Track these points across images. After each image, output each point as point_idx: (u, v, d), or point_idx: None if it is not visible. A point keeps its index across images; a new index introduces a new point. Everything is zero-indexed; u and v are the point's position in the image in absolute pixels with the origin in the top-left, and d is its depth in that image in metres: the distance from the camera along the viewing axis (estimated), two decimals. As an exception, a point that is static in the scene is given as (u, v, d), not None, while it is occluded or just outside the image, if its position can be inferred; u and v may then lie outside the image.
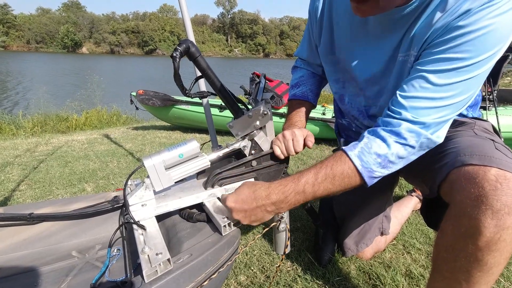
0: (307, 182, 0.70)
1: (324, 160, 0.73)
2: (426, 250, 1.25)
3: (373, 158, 0.69)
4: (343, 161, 0.71)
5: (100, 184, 2.06)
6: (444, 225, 0.66)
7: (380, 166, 0.70)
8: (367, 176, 0.70)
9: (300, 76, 1.13)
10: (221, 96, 0.82)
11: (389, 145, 0.69)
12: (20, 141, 3.47)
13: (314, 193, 0.71)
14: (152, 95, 3.52)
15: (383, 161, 0.70)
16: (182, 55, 0.71)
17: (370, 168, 0.70)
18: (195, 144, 0.77)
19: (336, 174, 0.70)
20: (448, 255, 0.65)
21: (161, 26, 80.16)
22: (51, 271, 0.76)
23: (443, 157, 0.73)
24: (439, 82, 0.67)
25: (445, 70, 0.66)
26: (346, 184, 0.71)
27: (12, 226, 0.82)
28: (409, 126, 0.68)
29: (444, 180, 0.68)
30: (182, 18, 1.32)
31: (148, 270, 0.58)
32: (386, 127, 0.71)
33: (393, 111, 0.71)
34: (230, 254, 0.72)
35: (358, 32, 0.86)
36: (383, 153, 0.69)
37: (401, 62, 0.77)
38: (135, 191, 0.76)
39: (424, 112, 0.68)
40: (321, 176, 0.70)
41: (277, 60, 72.76)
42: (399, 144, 0.69)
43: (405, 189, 1.85)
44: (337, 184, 0.71)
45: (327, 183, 0.70)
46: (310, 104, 1.09)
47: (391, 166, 0.71)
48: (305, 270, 1.13)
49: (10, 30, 69.17)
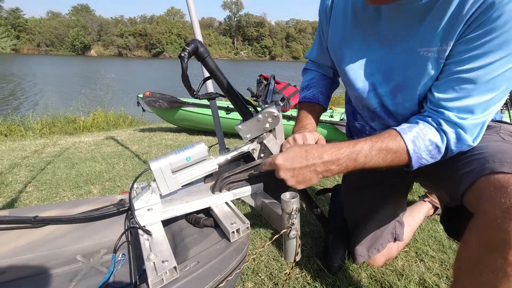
0: (361, 151, 0.72)
1: (379, 135, 0.74)
2: (440, 258, 1.21)
3: (426, 145, 0.71)
4: (398, 142, 0.72)
5: (106, 186, 2.06)
6: (468, 236, 0.62)
7: (430, 155, 0.72)
8: (415, 161, 0.72)
9: (310, 78, 1.11)
10: (230, 97, 0.80)
11: (442, 136, 0.71)
12: (28, 142, 3.50)
13: (364, 164, 0.72)
14: (159, 97, 3.52)
15: (434, 149, 0.72)
16: (190, 55, 0.69)
17: (420, 154, 0.72)
18: (203, 147, 0.75)
19: (389, 152, 0.72)
20: (473, 268, 0.61)
21: (168, 29, 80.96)
22: (55, 275, 0.74)
23: (468, 163, 0.70)
24: (480, 77, 0.65)
25: (485, 65, 0.64)
26: (395, 163, 0.73)
27: (17, 229, 0.80)
28: (453, 126, 0.70)
29: (470, 188, 0.65)
30: (190, 18, 1.31)
31: (154, 279, 0.56)
32: (433, 120, 0.73)
33: (436, 111, 0.72)
34: (239, 262, 0.69)
35: (366, 27, 0.84)
36: (436, 141, 0.71)
37: (428, 58, 0.73)
38: (141, 195, 0.73)
39: (467, 112, 0.69)
40: (375, 149, 0.72)
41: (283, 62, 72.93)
42: (444, 138, 0.71)
43: (416, 194, 1.80)
44: (388, 160, 0.72)
45: (380, 157, 0.72)
46: (320, 106, 1.07)
47: (437, 157, 0.73)
48: (315, 277, 1.10)
49: (21, 33, 70.58)
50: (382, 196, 1.12)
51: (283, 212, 0.71)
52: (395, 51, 0.80)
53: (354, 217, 1.20)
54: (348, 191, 1.23)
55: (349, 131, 1.20)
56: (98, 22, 79.66)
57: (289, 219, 0.71)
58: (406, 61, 0.78)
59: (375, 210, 1.14)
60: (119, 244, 0.79)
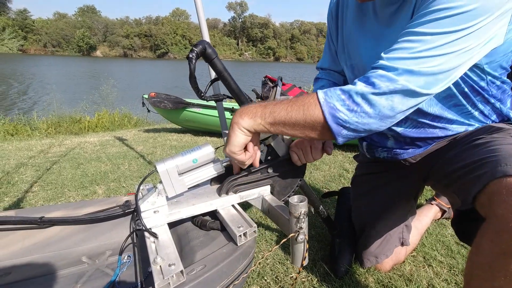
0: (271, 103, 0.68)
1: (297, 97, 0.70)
2: (448, 263, 1.18)
3: (337, 94, 0.64)
4: (310, 96, 0.66)
5: (111, 186, 2.06)
6: (480, 241, 0.60)
7: (345, 106, 0.63)
8: (328, 112, 0.63)
9: (321, 86, 1.11)
10: (237, 99, 0.79)
11: (355, 83, 0.64)
12: (34, 142, 3.53)
13: (272, 113, 0.67)
14: (164, 97, 3.53)
15: (347, 98, 0.63)
16: (198, 56, 0.69)
17: (333, 104, 0.63)
18: (209, 149, 0.74)
19: (298, 103, 0.66)
20: (485, 273, 0.59)
21: (173, 30, 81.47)
22: (61, 277, 0.74)
23: (480, 167, 0.68)
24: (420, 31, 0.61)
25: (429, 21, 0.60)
26: (308, 115, 0.65)
27: (23, 229, 0.80)
28: (381, 72, 0.62)
29: (481, 191, 0.63)
30: (198, 19, 1.31)
31: (160, 283, 0.55)
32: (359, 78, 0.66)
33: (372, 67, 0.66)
34: (246, 266, 0.68)
35: (363, 24, 0.86)
36: (347, 89, 0.63)
37: None
38: (147, 197, 0.73)
39: (401, 61, 0.61)
40: (285, 102, 0.67)
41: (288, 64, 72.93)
42: (364, 84, 0.63)
43: (424, 197, 1.77)
44: (296, 109, 0.65)
45: (288, 106, 0.66)
46: None
47: (357, 111, 0.63)
48: (321, 282, 1.08)
49: (28, 34, 71.45)
50: (391, 200, 1.11)
51: (291, 215, 0.70)
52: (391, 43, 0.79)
53: (362, 220, 1.18)
54: (357, 194, 1.22)
55: None
56: (104, 23, 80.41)
57: (297, 223, 0.70)
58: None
59: (384, 214, 1.12)
60: (125, 246, 0.79)
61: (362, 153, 1.17)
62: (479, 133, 0.81)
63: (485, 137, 0.77)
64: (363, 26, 0.88)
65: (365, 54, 0.88)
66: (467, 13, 0.58)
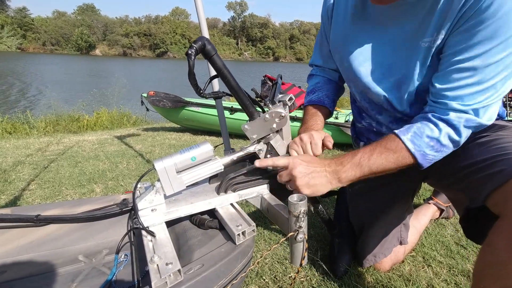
0: (363, 156, 0.74)
1: (378, 140, 0.76)
2: (448, 264, 1.18)
3: (426, 142, 0.72)
4: (396, 142, 0.73)
5: (109, 185, 2.05)
6: (494, 239, 0.60)
7: (433, 150, 0.73)
8: (421, 159, 0.73)
9: (316, 82, 1.11)
10: (237, 96, 0.78)
11: (440, 129, 0.72)
12: (32, 140, 3.51)
13: (370, 168, 0.73)
14: (163, 96, 3.52)
15: (435, 144, 0.72)
16: (197, 52, 0.67)
17: (423, 152, 0.72)
18: (208, 147, 0.73)
19: (390, 152, 0.73)
20: (498, 272, 0.58)
21: (172, 29, 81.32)
22: (57, 275, 0.73)
23: (493, 164, 0.68)
24: (478, 66, 0.66)
25: (481, 54, 0.66)
26: (401, 163, 0.74)
27: (19, 227, 0.79)
28: (458, 114, 0.70)
29: (497, 189, 0.63)
30: (197, 15, 1.30)
31: (157, 282, 0.54)
32: (435, 114, 0.73)
33: (438, 102, 0.73)
34: (244, 265, 0.67)
35: (365, 23, 0.85)
36: (435, 136, 0.72)
37: (426, 48, 0.74)
38: (145, 195, 0.72)
39: (469, 98, 0.69)
40: (376, 152, 0.73)
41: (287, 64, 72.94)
42: (450, 128, 0.72)
43: (422, 197, 1.77)
44: (392, 161, 0.73)
45: (382, 159, 0.73)
46: (326, 109, 1.05)
47: (444, 150, 0.74)
48: (320, 282, 1.08)
49: (27, 32, 71.18)
50: (389, 199, 1.10)
51: (291, 214, 0.70)
52: (394, 44, 0.81)
53: (361, 220, 1.17)
54: (354, 194, 1.21)
55: (355, 132, 1.18)
56: (103, 21, 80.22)
57: (297, 222, 0.69)
58: (406, 55, 0.79)
59: (382, 213, 1.11)
60: (122, 244, 0.78)
61: None
62: (482, 131, 0.81)
63: (490, 134, 0.77)
64: (361, 29, 0.87)
65: (364, 56, 0.88)
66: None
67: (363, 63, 0.88)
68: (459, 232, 1.41)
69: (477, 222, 0.75)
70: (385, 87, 0.87)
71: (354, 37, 0.89)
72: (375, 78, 0.88)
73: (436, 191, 1.56)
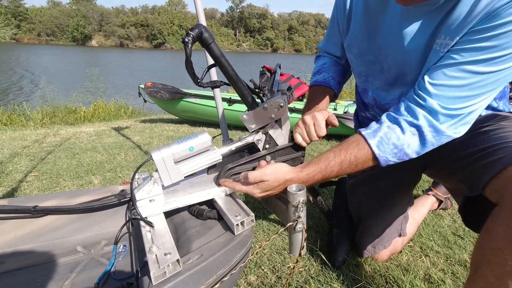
0: (332, 171, 0.75)
1: (347, 146, 0.75)
2: (445, 253, 1.19)
3: (391, 149, 0.73)
4: (365, 150, 0.74)
5: (107, 176, 2.04)
6: (492, 226, 0.60)
7: (396, 157, 0.74)
8: (383, 162, 0.74)
9: (322, 63, 1.09)
10: (235, 86, 0.77)
11: (406, 138, 0.71)
12: (29, 132, 3.48)
13: (337, 176, 0.77)
14: (161, 87, 3.48)
15: (399, 152, 0.73)
16: (194, 40, 0.66)
17: (386, 157, 0.73)
18: (206, 137, 0.72)
19: (358, 162, 0.74)
20: (496, 258, 0.58)
21: (169, 20, 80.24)
22: (55, 266, 0.73)
23: (492, 153, 0.68)
24: (475, 70, 0.64)
25: (483, 60, 0.63)
26: (364, 168, 0.76)
27: (16, 218, 0.79)
28: (430, 120, 0.69)
29: (496, 176, 0.63)
30: (194, 2, 1.27)
31: (156, 272, 0.54)
32: (407, 117, 0.72)
33: (419, 96, 0.71)
34: (243, 255, 0.67)
35: (381, 22, 0.82)
36: (400, 144, 0.72)
37: (436, 51, 0.72)
38: (143, 186, 0.71)
39: (451, 101, 0.67)
40: (345, 165, 0.74)
41: (286, 55, 72.36)
42: (417, 138, 0.71)
43: (420, 188, 1.78)
44: (358, 169, 0.76)
45: (350, 169, 0.75)
46: (331, 90, 1.04)
47: (405, 158, 0.74)
48: (318, 271, 1.08)
49: (21, 23, 70.00)
50: (389, 189, 1.10)
51: (289, 204, 0.69)
52: (413, 47, 0.78)
53: (360, 211, 1.18)
54: (353, 184, 1.21)
55: (358, 121, 1.17)
56: (99, 11, 78.94)
57: (296, 212, 0.69)
58: (423, 56, 0.77)
59: (382, 204, 1.11)
60: (120, 235, 0.77)
61: None
62: (485, 121, 0.81)
63: (493, 124, 0.77)
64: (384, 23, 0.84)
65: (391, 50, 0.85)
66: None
67: (384, 60, 0.86)
68: (456, 223, 1.42)
69: (476, 211, 0.75)
70: (401, 84, 0.86)
71: (376, 34, 0.85)
72: (392, 75, 0.86)
73: (435, 183, 1.56)
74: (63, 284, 0.67)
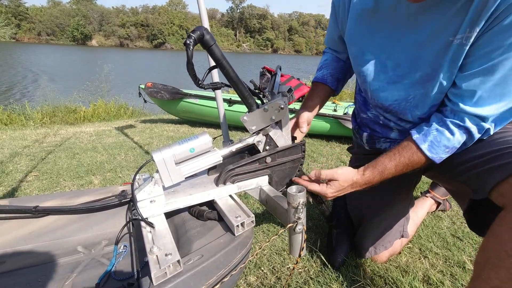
0: (389, 173, 0.83)
1: (399, 150, 0.83)
2: (444, 255, 1.19)
3: (442, 150, 0.78)
4: (419, 155, 0.80)
5: (107, 177, 2.04)
6: (499, 229, 0.60)
7: (448, 153, 0.80)
8: (437, 160, 0.80)
9: (324, 59, 1.12)
10: (236, 88, 0.77)
11: (457, 138, 0.76)
12: (29, 132, 3.48)
13: (392, 175, 0.84)
14: (161, 88, 3.48)
15: (450, 150, 0.79)
16: (196, 42, 0.66)
17: (439, 157, 0.80)
18: (207, 138, 0.72)
19: (413, 164, 0.82)
20: (502, 261, 0.59)
21: (170, 20, 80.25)
22: (56, 266, 0.73)
23: (500, 157, 0.68)
24: (506, 71, 0.65)
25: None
26: (420, 167, 0.83)
27: (17, 218, 0.79)
28: (476, 121, 0.74)
29: (505, 180, 0.63)
30: (197, 4, 1.27)
31: (156, 272, 0.54)
32: (453, 120, 0.77)
33: (459, 101, 0.75)
34: (243, 256, 0.67)
35: (388, 19, 0.82)
36: (451, 145, 0.78)
37: (458, 45, 0.71)
38: (144, 186, 0.72)
39: (489, 103, 0.70)
40: (400, 166, 0.82)
41: (286, 56, 72.38)
42: (465, 135, 0.76)
43: (419, 190, 1.78)
44: (412, 169, 0.83)
45: (405, 170, 0.83)
46: (328, 87, 1.07)
47: (455, 151, 0.80)
48: (317, 272, 1.09)
49: (22, 22, 69.96)
50: (388, 191, 1.10)
51: (289, 206, 0.70)
52: (423, 41, 0.77)
53: (361, 212, 1.18)
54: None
55: (356, 123, 1.16)
56: (99, 11, 78.92)
57: (296, 213, 0.69)
58: (439, 51, 0.75)
59: (381, 206, 1.12)
60: (121, 236, 0.78)
61: (359, 144, 1.16)
62: None
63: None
64: (386, 23, 0.84)
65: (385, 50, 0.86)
66: None
67: (389, 58, 0.86)
68: (455, 225, 1.42)
69: (481, 214, 0.76)
70: (409, 82, 0.85)
71: (379, 31, 0.85)
72: (400, 73, 0.86)
73: (433, 184, 1.57)
74: (64, 284, 0.67)
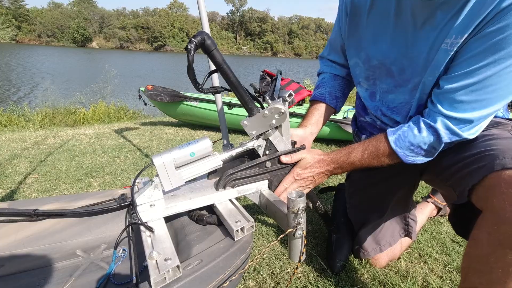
0: (355, 156, 0.85)
1: (370, 139, 0.85)
2: (444, 260, 1.19)
3: (407, 146, 0.79)
4: (385, 143, 0.82)
5: (107, 179, 2.04)
6: (477, 233, 0.60)
7: (413, 153, 0.80)
8: (402, 156, 0.81)
9: (322, 78, 1.12)
10: (236, 92, 0.77)
11: (422, 136, 0.77)
12: (28, 134, 3.48)
13: (361, 166, 0.86)
14: (161, 90, 3.49)
15: (415, 149, 0.79)
16: (197, 47, 0.67)
17: (404, 153, 0.80)
18: (207, 143, 0.73)
19: (379, 153, 0.83)
20: (482, 266, 0.59)
21: (170, 23, 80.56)
22: (55, 270, 0.73)
23: (477, 160, 0.68)
24: (489, 77, 0.65)
25: (494, 63, 0.64)
26: (388, 161, 0.84)
27: (16, 222, 0.79)
28: (447, 123, 0.73)
29: (479, 184, 0.63)
30: (198, 9, 1.28)
31: (156, 277, 0.54)
32: (426, 119, 0.78)
33: (437, 102, 0.75)
34: (243, 261, 0.67)
35: (389, 25, 0.83)
36: (416, 142, 0.78)
37: (444, 50, 0.73)
38: (143, 190, 0.72)
39: (467, 109, 0.70)
40: (366, 154, 0.84)
41: (285, 59, 72.58)
42: (433, 137, 0.76)
43: (420, 195, 1.78)
44: (380, 160, 0.84)
45: (371, 159, 0.84)
46: (326, 105, 1.07)
47: (421, 154, 0.80)
48: (317, 277, 1.08)
49: (22, 24, 70.13)
50: (387, 195, 1.11)
51: (289, 211, 0.70)
52: (421, 47, 0.79)
53: (361, 216, 1.18)
54: (352, 191, 1.22)
55: (356, 127, 1.18)
56: (100, 14, 79.22)
57: (295, 218, 0.69)
58: (429, 56, 0.77)
59: (381, 209, 1.12)
60: (120, 239, 0.78)
61: None
62: None
63: (484, 130, 0.78)
64: (391, 26, 0.85)
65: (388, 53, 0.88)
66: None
67: (393, 64, 0.87)
68: (455, 229, 1.42)
69: (465, 218, 0.76)
70: (412, 87, 0.86)
71: (384, 34, 0.86)
72: (405, 77, 0.87)
73: (434, 190, 1.57)
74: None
